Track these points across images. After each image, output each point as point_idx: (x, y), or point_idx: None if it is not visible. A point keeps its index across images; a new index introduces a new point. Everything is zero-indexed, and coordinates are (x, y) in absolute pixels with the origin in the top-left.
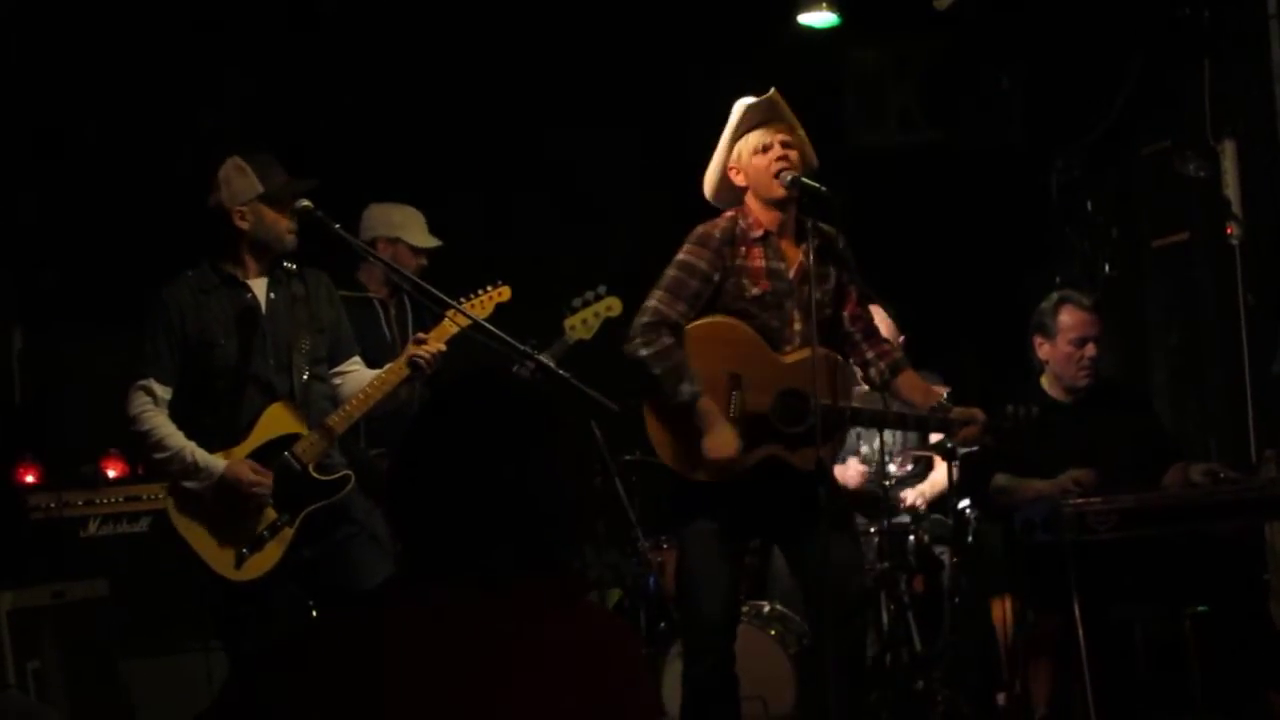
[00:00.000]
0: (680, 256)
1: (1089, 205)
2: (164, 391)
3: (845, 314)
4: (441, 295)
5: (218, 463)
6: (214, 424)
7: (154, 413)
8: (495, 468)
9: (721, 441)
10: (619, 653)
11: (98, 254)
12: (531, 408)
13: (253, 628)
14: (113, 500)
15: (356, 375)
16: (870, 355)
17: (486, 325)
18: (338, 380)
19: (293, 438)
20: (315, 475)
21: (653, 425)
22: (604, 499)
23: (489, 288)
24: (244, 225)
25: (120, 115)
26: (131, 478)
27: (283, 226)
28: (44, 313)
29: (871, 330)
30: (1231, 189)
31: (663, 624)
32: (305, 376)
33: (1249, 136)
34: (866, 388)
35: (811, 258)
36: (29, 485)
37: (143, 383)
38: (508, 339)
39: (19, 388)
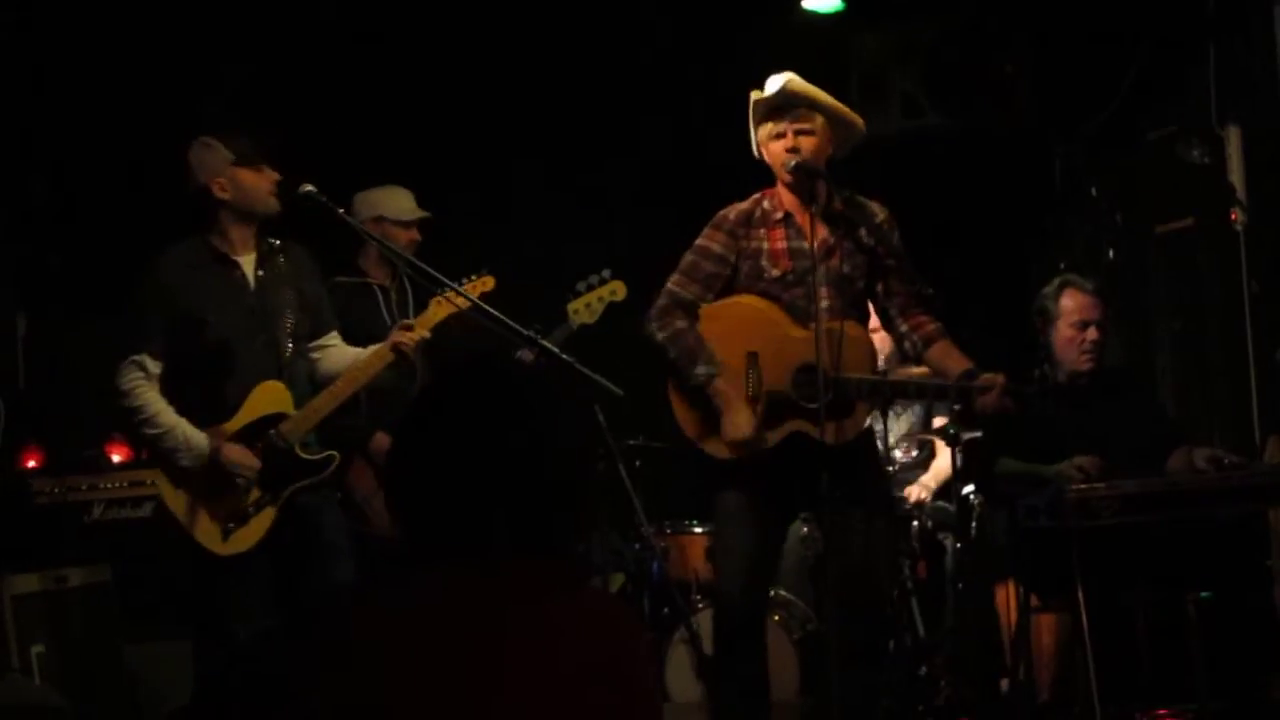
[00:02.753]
0: (698, 241)
1: (1093, 191)
2: (155, 366)
3: (879, 289)
4: (438, 275)
5: (205, 442)
6: (203, 400)
7: (146, 388)
8: (493, 450)
9: (737, 423)
10: (620, 637)
11: (101, 240)
12: (528, 390)
13: (229, 610)
14: (116, 485)
15: (335, 351)
16: (904, 329)
17: (489, 310)
18: (315, 355)
19: (279, 417)
20: (300, 454)
21: (678, 404)
22: (607, 483)
23: (473, 276)
24: (225, 195)
25: (123, 102)
26: (135, 462)
27: (263, 188)
28: (48, 298)
29: (906, 304)
30: (1236, 175)
31: (666, 609)
32: (288, 354)
33: (1254, 122)
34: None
35: (837, 229)
36: (32, 470)
37: (135, 358)
38: (511, 323)
39: (23, 373)
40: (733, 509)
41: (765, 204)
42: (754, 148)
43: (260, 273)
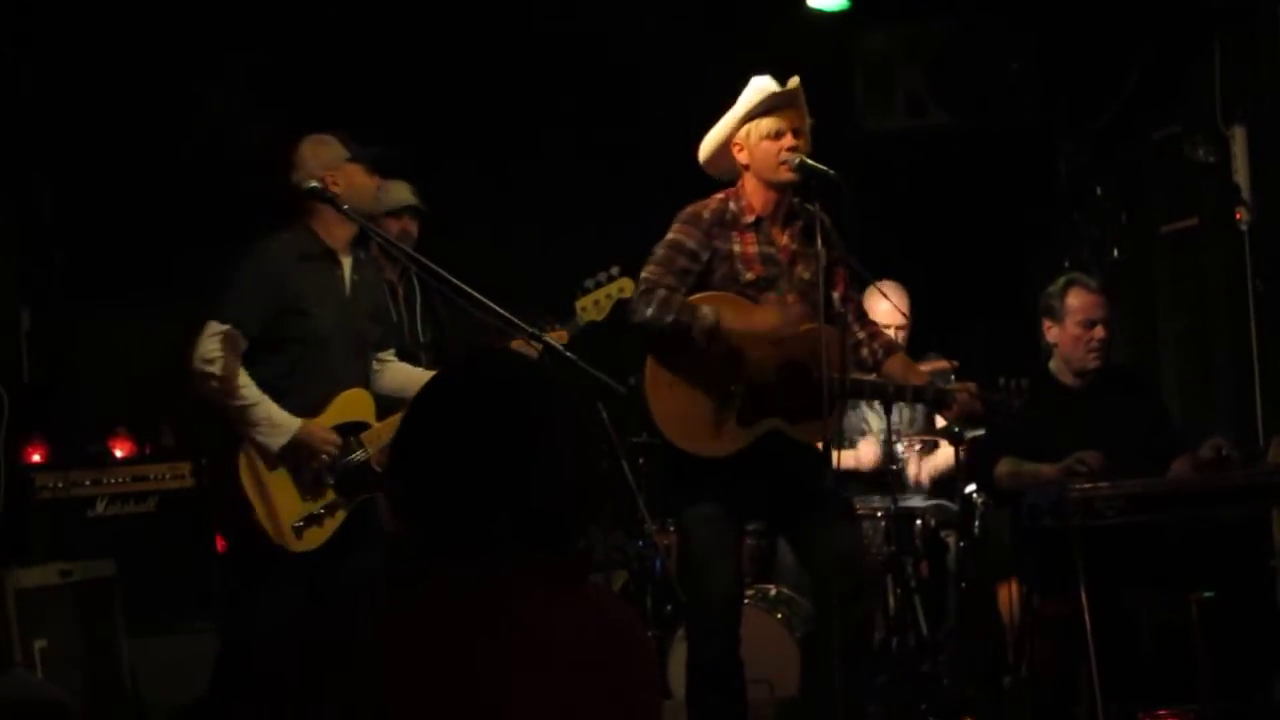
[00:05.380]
0: (669, 235)
1: (1098, 190)
2: (243, 343)
3: (835, 295)
4: (444, 273)
5: (294, 420)
6: (291, 390)
7: (232, 359)
8: (500, 444)
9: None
10: (623, 635)
11: (105, 233)
12: (538, 384)
13: (268, 607)
14: (120, 480)
15: (392, 367)
16: (862, 336)
17: (494, 307)
18: (375, 368)
19: (362, 425)
20: (375, 466)
21: (656, 399)
22: (610, 481)
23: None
24: (338, 189)
25: (126, 95)
26: (139, 457)
27: (371, 189)
28: (51, 292)
29: (862, 311)
30: (1241, 174)
31: (669, 607)
32: (370, 362)
33: (1259, 122)
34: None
35: (820, 235)
36: (36, 465)
37: (225, 327)
38: (515, 320)
39: (27, 367)
40: (711, 518)
41: (732, 205)
42: (714, 147)
43: (355, 278)
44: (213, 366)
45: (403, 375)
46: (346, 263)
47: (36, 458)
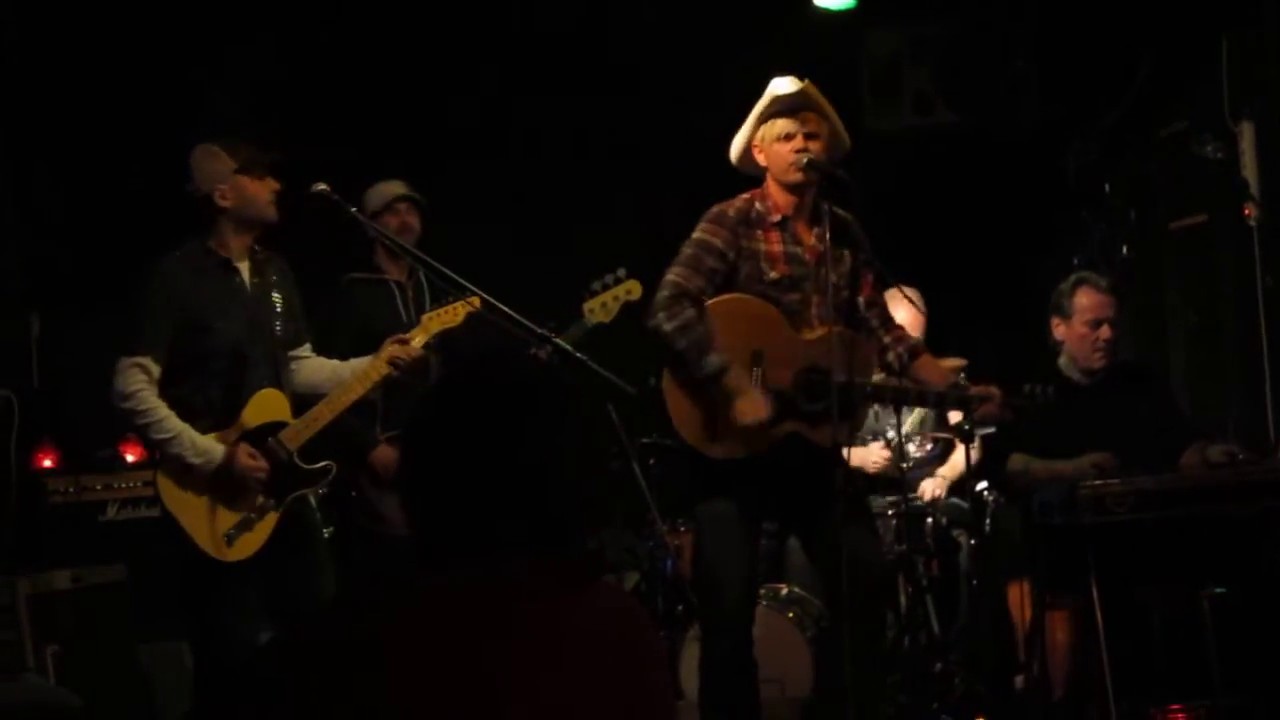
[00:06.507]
0: (696, 235)
1: (1107, 188)
2: (156, 370)
3: (861, 299)
4: (449, 273)
5: (217, 447)
6: (204, 405)
7: (150, 392)
8: (508, 446)
9: (752, 405)
10: (634, 634)
11: (114, 237)
12: (544, 386)
13: (229, 613)
14: (131, 484)
15: (309, 362)
16: (888, 340)
17: (504, 308)
18: (291, 365)
19: (279, 425)
20: (299, 463)
21: (674, 401)
22: (621, 482)
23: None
24: (226, 203)
25: (134, 99)
26: (150, 462)
27: (264, 197)
28: (61, 298)
29: (887, 315)
30: (1250, 170)
31: (680, 607)
32: (282, 362)
33: (1267, 118)
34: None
35: (827, 240)
36: (47, 470)
37: (138, 360)
38: (524, 321)
39: (37, 373)
40: (726, 516)
41: (758, 205)
42: (740, 148)
43: (255, 280)
44: (130, 402)
45: (319, 370)
46: (244, 267)
47: (48, 463)
